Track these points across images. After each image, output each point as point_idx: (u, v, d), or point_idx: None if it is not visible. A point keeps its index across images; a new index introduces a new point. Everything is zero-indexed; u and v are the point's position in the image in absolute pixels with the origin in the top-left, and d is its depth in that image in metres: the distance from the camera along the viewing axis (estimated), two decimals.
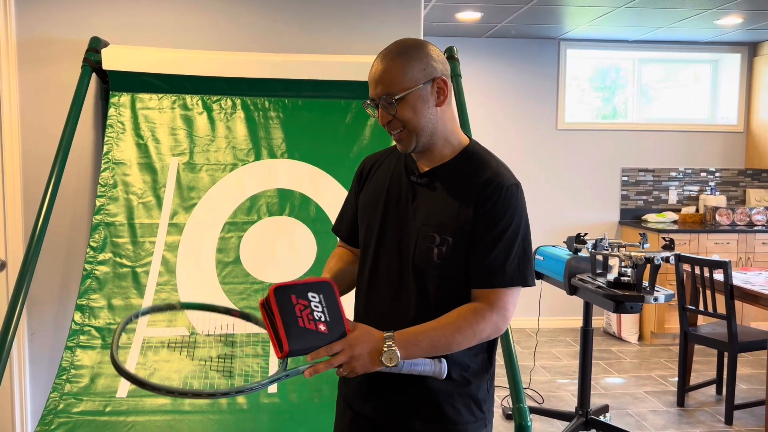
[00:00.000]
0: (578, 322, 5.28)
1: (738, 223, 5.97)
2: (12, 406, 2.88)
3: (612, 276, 3.41)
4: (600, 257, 3.57)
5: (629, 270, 3.37)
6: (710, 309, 4.13)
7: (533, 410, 3.98)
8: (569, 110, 6.28)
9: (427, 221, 1.52)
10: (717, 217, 6.02)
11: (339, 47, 3.05)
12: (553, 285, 3.94)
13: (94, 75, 2.76)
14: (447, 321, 1.45)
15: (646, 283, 3.34)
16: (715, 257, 4.21)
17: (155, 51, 2.86)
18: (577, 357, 4.49)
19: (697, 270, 4.18)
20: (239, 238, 2.75)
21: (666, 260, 3.30)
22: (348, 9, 3.06)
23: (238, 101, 2.89)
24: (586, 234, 3.79)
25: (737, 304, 4.30)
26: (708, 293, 4.14)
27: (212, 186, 2.79)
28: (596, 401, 4.28)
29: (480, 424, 1.56)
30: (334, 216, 1.86)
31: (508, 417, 4.06)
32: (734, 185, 6.41)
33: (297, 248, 2.76)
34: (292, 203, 2.81)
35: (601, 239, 3.53)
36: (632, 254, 3.28)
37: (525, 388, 4.38)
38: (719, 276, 4.11)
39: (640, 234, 3.58)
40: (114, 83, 2.82)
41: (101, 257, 2.66)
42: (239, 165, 2.82)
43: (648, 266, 3.29)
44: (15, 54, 2.83)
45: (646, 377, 4.88)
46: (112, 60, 2.74)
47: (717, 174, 6.38)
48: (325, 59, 2.92)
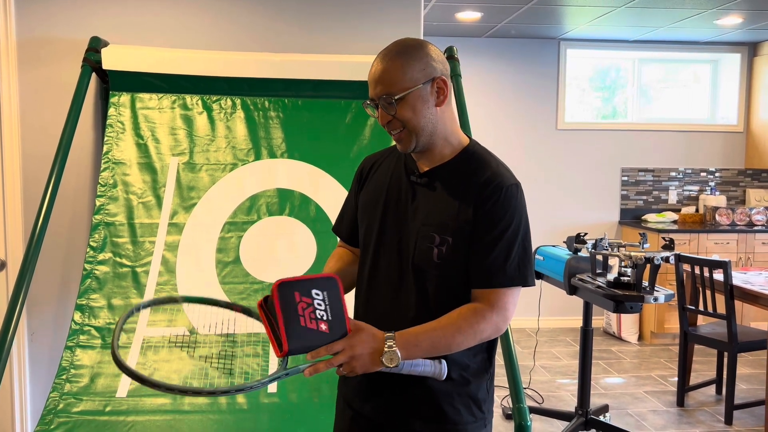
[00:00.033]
0: (578, 322, 5.28)
1: (738, 223, 5.97)
2: (12, 406, 2.88)
3: (612, 276, 3.41)
4: (600, 257, 3.57)
5: (629, 270, 3.37)
6: (710, 309, 4.13)
7: (533, 410, 3.98)
8: (569, 110, 6.28)
9: (427, 221, 1.52)
10: (717, 217, 6.02)
11: (339, 47, 3.05)
12: (553, 285, 3.94)
13: (94, 75, 2.76)
14: (447, 321, 1.45)
15: (646, 283, 3.33)
16: (715, 257, 4.21)
17: (155, 51, 2.86)
18: (577, 357, 4.49)
19: (697, 270, 4.18)
20: (239, 238, 2.75)
21: (666, 260, 3.30)
22: (348, 8, 3.06)
23: (238, 101, 2.89)
24: (586, 234, 3.79)
25: (737, 304, 4.30)
26: (708, 293, 4.13)
27: (212, 186, 2.79)
28: (596, 401, 4.28)
29: (480, 424, 1.56)
30: (334, 216, 1.85)
31: (508, 417, 4.06)
32: (734, 185, 6.40)
33: (297, 248, 2.76)
34: (292, 203, 2.81)
35: (601, 239, 3.53)
36: (632, 254, 3.28)
37: (525, 388, 4.38)
38: (719, 276, 4.11)
39: (640, 234, 3.57)
40: (114, 83, 2.82)
41: (101, 257, 2.66)
42: (239, 165, 2.82)
43: (648, 266, 3.29)
44: (15, 54, 2.83)
45: (646, 377, 4.88)
46: (112, 60, 2.74)
47: (717, 174, 6.38)
48: (325, 59, 2.92)
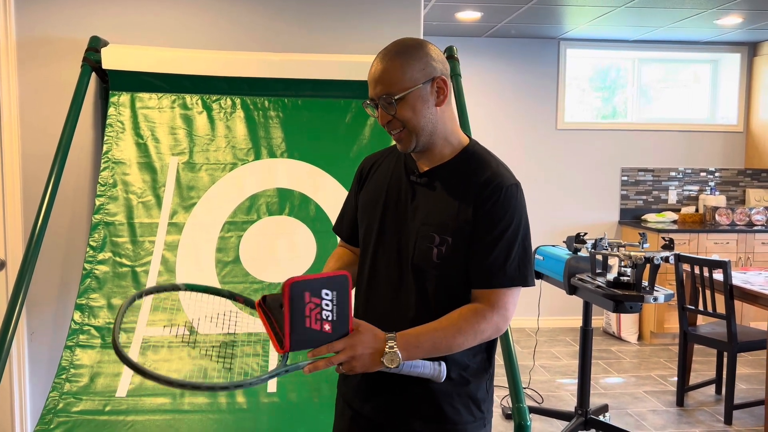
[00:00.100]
0: (578, 322, 5.28)
1: (738, 223, 5.97)
2: (11, 406, 2.88)
3: (611, 276, 3.41)
4: (599, 257, 3.57)
5: (629, 270, 3.37)
6: (710, 309, 4.13)
7: (533, 410, 3.98)
8: (569, 110, 6.28)
9: (427, 221, 1.52)
10: (717, 217, 6.02)
11: (339, 46, 3.05)
12: (553, 285, 3.94)
13: (94, 74, 2.76)
14: (448, 322, 1.45)
15: (646, 283, 3.33)
16: (715, 257, 4.21)
17: (155, 50, 2.86)
18: (577, 357, 4.49)
19: (697, 270, 4.18)
20: (239, 238, 2.75)
21: (665, 260, 3.30)
22: (348, 8, 3.06)
23: (238, 101, 2.89)
24: (586, 234, 3.79)
25: (737, 304, 4.30)
26: (707, 293, 4.13)
27: (212, 185, 2.79)
28: (596, 401, 4.28)
29: (479, 424, 1.56)
30: (334, 215, 1.86)
31: (508, 416, 4.06)
32: (734, 185, 6.40)
33: (297, 248, 2.76)
34: (292, 203, 2.81)
35: (601, 239, 3.53)
36: (632, 254, 3.28)
37: (524, 388, 4.38)
38: (719, 276, 4.11)
39: (640, 234, 3.57)
40: (113, 82, 2.82)
41: (101, 256, 2.66)
42: (239, 164, 2.82)
43: (647, 266, 3.29)
44: (15, 53, 2.83)
45: (646, 377, 4.88)
46: (112, 59, 2.74)
47: (717, 174, 6.38)
48: (325, 59, 2.92)
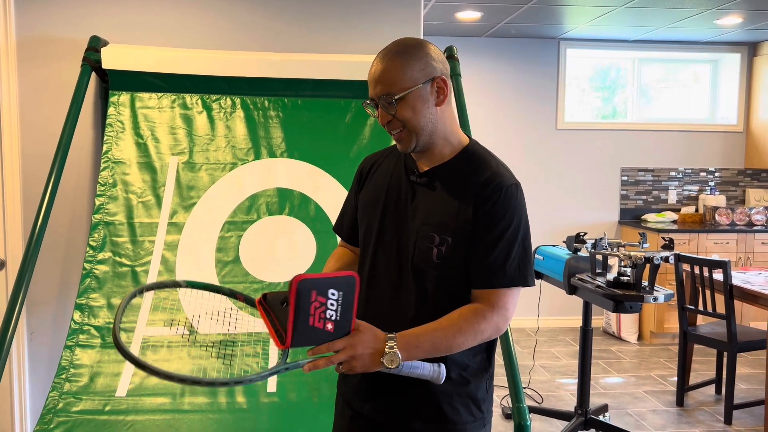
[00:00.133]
0: (578, 322, 5.29)
1: (737, 223, 5.97)
2: (11, 405, 2.88)
3: (611, 276, 3.41)
4: (599, 257, 3.57)
5: (629, 270, 3.37)
6: (710, 309, 4.13)
7: (532, 410, 3.98)
8: (569, 110, 6.28)
9: (427, 221, 1.52)
10: (716, 217, 6.02)
11: (339, 46, 3.05)
12: (553, 285, 3.94)
13: (94, 74, 2.76)
14: (448, 322, 1.45)
15: (646, 283, 3.33)
16: (715, 257, 4.21)
17: (155, 50, 2.86)
18: (577, 356, 4.49)
19: (697, 270, 4.18)
20: (239, 238, 2.75)
21: (665, 260, 3.30)
22: (348, 8, 3.06)
23: (238, 100, 2.89)
24: (586, 234, 3.79)
25: (736, 304, 4.30)
26: (707, 293, 4.13)
27: (212, 185, 2.79)
28: (595, 401, 4.28)
29: (479, 424, 1.56)
30: (334, 215, 1.86)
31: (508, 416, 4.06)
32: (734, 185, 6.40)
33: (296, 247, 2.76)
34: (292, 203, 2.81)
35: (601, 239, 3.53)
36: (632, 254, 3.28)
37: (524, 388, 4.38)
38: (719, 276, 4.11)
39: (640, 234, 3.57)
40: (113, 82, 2.82)
41: (101, 256, 2.66)
42: (239, 164, 2.82)
43: (647, 266, 3.29)
44: (14, 53, 2.83)
45: (646, 377, 4.88)
46: (112, 59, 2.74)
47: (716, 174, 6.38)
48: (325, 58, 2.92)
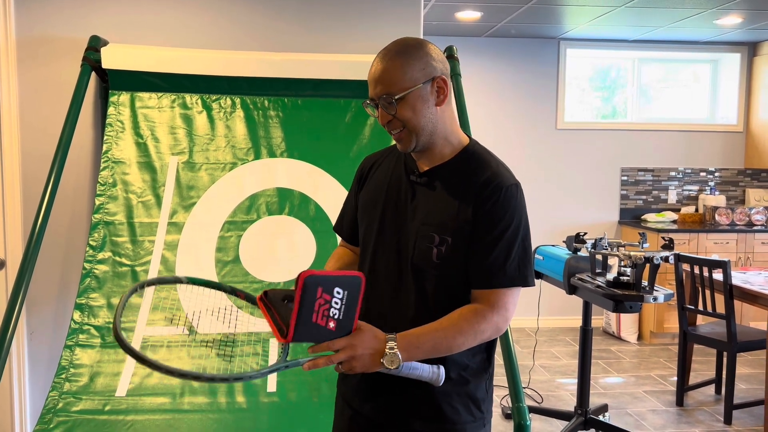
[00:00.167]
0: (577, 322, 5.29)
1: (737, 223, 5.97)
2: (11, 405, 2.88)
3: (611, 275, 3.41)
4: (599, 257, 3.57)
5: (628, 269, 3.37)
6: (709, 309, 4.13)
7: (532, 409, 3.98)
8: (569, 110, 6.28)
9: (427, 221, 1.52)
10: (716, 217, 6.02)
11: (339, 46, 3.05)
12: (553, 284, 3.94)
13: (94, 74, 2.76)
14: (449, 323, 1.45)
15: (646, 283, 3.33)
16: (715, 257, 4.21)
17: (155, 50, 2.86)
18: (577, 356, 4.49)
19: (697, 270, 4.18)
20: (239, 237, 2.75)
21: (665, 260, 3.30)
22: (348, 8, 3.06)
23: (238, 100, 2.89)
24: (586, 233, 3.79)
25: (736, 304, 4.30)
26: (707, 293, 4.13)
27: (212, 185, 2.79)
28: (595, 401, 4.28)
29: (478, 424, 1.56)
30: (334, 215, 1.86)
31: (508, 416, 4.06)
32: (734, 185, 6.41)
33: (296, 247, 2.75)
34: (292, 202, 2.81)
35: (601, 239, 3.53)
36: (631, 254, 3.28)
37: (524, 388, 4.38)
38: (718, 276, 4.11)
39: (640, 234, 3.57)
40: (113, 82, 2.82)
41: (100, 256, 2.66)
42: (239, 164, 2.82)
43: (647, 266, 3.29)
44: (14, 52, 2.83)
45: (646, 377, 4.88)
46: (112, 59, 2.74)
47: (716, 174, 6.38)
48: (325, 58, 2.92)
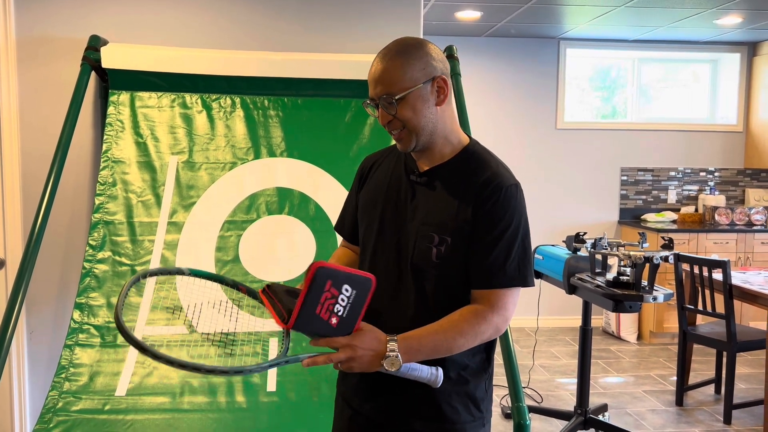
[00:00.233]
0: (577, 322, 5.29)
1: (737, 223, 5.97)
2: (11, 405, 2.88)
3: (611, 275, 3.41)
4: (599, 256, 3.57)
5: (628, 269, 3.37)
6: (709, 308, 4.13)
7: (532, 409, 3.98)
8: (569, 110, 6.28)
9: (426, 221, 1.52)
10: (716, 217, 6.03)
11: (339, 46, 3.05)
12: (553, 284, 3.94)
13: (94, 73, 2.76)
14: (449, 324, 1.45)
15: (645, 283, 3.34)
16: (714, 257, 4.21)
17: (154, 49, 2.86)
18: (576, 356, 4.49)
19: (696, 269, 4.19)
20: (238, 237, 2.75)
21: (665, 260, 3.30)
22: (348, 8, 3.06)
23: (238, 100, 2.89)
24: (585, 233, 3.79)
25: (736, 304, 4.30)
26: (707, 293, 4.14)
27: (211, 184, 2.79)
28: (595, 400, 4.28)
29: (478, 424, 1.56)
30: (333, 215, 1.86)
31: (507, 416, 4.06)
32: (733, 185, 6.41)
33: (296, 247, 2.76)
34: (292, 202, 2.81)
35: (601, 238, 3.53)
36: (631, 253, 3.28)
37: (524, 387, 4.38)
38: (718, 275, 4.11)
39: (639, 233, 3.57)
40: (113, 81, 2.82)
41: (100, 255, 2.66)
42: (238, 164, 2.82)
43: (647, 266, 3.29)
44: (14, 52, 2.83)
45: (645, 376, 4.88)
46: (112, 58, 2.74)
47: (716, 174, 6.38)
48: (325, 58, 2.92)
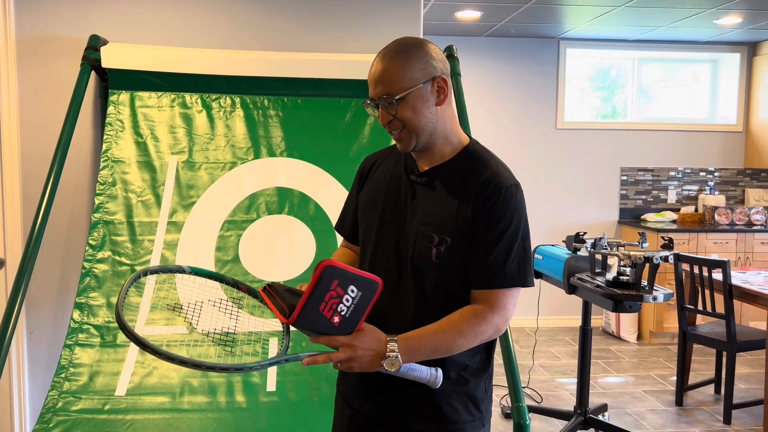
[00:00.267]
0: (577, 322, 5.29)
1: (737, 223, 5.97)
2: (11, 405, 2.88)
3: (611, 275, 3.41)
4: (599, 256, 3.57)
5: (628, 269, 3.37)
6: (709, 308, 4.13)
7: (532, 409, 3.98)
8: (569, 109, 6.28)
9: (426, 221, 1.52)
10: (716, 217, 6.03)
11: (339, 46, 3.04)
12: (552, 284, 3.94)
13: (93, 73, 2.76)
14: (449, 325, 1.45)
15: (645, 283, 3.34)
16: (714, 257, 4.21)
17: (154, 49, 2.86)
18: (576, 356, 4.49)
19: (696, 269, 4.19)
20: (238, 237, 2.75)
21: (665, 259, 3.30)
22: (348, 7, 3.06)
23: (238, 99, 2.89)
24: (585, 233, 3.79)
25: (736, 304, 4.30)
26: (707, 293, 4.14)
27: (211, 184, 2.79)
28: (595, 400, 4.28)
29: (478, 424, 1.56)
30: (333, 215, 1.85)
31: (507, 416, 4.06)
32: (733, 185, 6.41)
33: (296, 247, 2.75)
34: (292, 202, 2.81)
35: (600, 238, 3.53)
36: (631, 253, 3.28)
37: (524, 387, 4.38)
38: (718, 275, 4.11)
39: (639, 233, 3.57)
40: (113, 81, 2.82)
41: (100, 255, 2.66)
42: (238, 163, 2.82)
43: (647, 265, 3.29)
44: (14, 52, 2.83)
45: (645, 376, 4.88)
46: (112, 58, 2.74)
47: (716, 173, 6.38)
48: (325, 58, 2.92)
